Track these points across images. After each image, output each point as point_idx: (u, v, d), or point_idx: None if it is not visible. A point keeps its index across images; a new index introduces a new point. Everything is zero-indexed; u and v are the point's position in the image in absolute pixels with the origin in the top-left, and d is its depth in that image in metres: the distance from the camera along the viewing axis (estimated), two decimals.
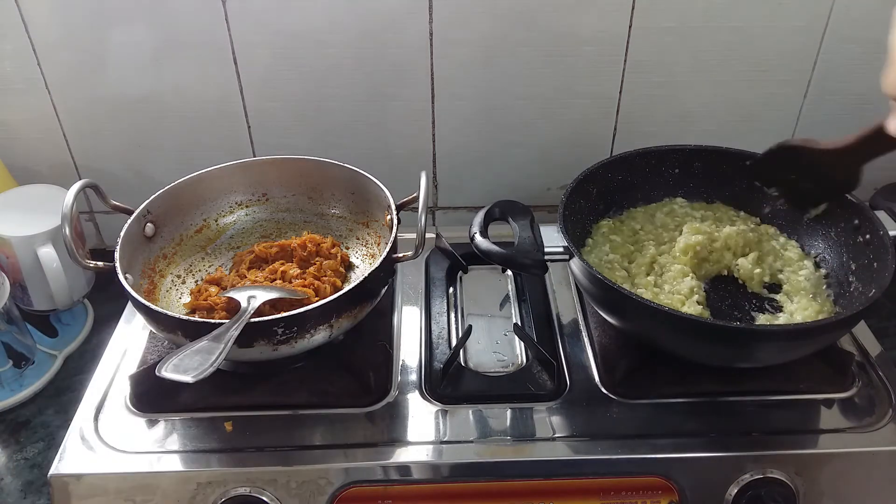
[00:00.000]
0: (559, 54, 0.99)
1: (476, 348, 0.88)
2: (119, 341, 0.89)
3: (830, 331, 0.77)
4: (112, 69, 1.00)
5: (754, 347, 0.75)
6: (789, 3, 0.96)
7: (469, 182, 1.11)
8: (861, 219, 0.85)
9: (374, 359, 0.84)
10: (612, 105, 1.04)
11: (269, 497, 0.73)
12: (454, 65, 1.00)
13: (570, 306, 0.93)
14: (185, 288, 0.90)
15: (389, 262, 0.82)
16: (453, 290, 0.97)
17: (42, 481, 0.82)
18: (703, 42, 0.99)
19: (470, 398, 0.81)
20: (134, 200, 0.88)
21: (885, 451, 0.75)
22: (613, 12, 0.96)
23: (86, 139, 1.06)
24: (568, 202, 0.86)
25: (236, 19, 0.96)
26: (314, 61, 0.99)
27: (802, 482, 0.74)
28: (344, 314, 0.77)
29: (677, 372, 0.81)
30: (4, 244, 0.93)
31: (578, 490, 0.74)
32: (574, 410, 0.79)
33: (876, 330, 0.89)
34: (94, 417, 0.79)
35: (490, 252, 0.81)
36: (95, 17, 0.95)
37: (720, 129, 1.06)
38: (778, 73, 1.02)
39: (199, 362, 0.67)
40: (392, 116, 1.04)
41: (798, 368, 0.80)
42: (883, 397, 0.81)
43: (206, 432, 0.77)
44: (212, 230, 0.96)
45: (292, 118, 1.04)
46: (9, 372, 0.91)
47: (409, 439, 0.76)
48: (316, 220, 0.98)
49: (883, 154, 0.80)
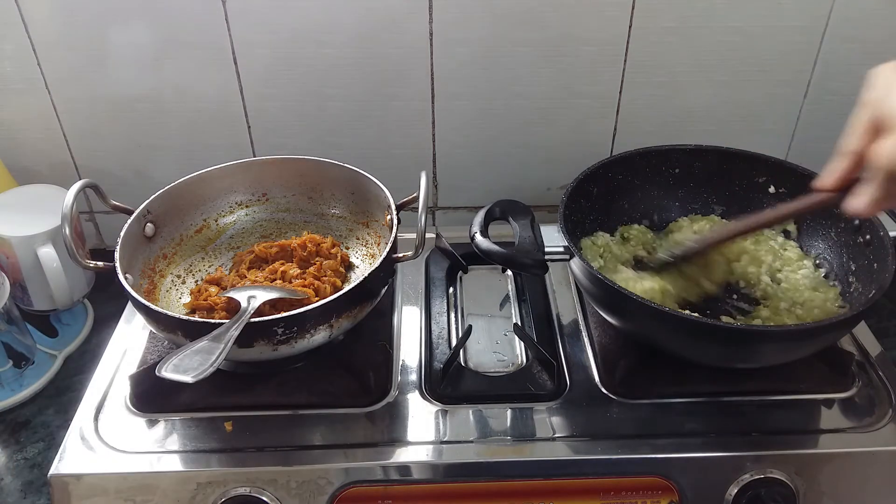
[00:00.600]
0: (559, 54, 0.99)
1: (476, 348, 0.88)
2: (119, 341, 0.89)
3: (830, 331, 0.77)
4: (112, 69, 1.00)
5: (754, 347, 0.75)
6: (789, 3, 0.96)
7: (469, 182, 1.11)
8: (861, 219, 0.85)
9: (374, 359, 0.84)
10: (612, 105, 1.04)
11: (269, 497, 0.73)
12: (454, 65, 1.00)
13: (570, 306, 0.93)
14: (185, 288, 0.90)
15: (389, 262, 0.82)
16: (453, 290, 0.97)
17: (42, 481, 0.83)
18: (704, 42, 0.99)
19: (470, 398, 0.81)
20: (134, 200, 0.88)
21: (885, 451, 0.75)
22: (613, 12, 0.96)
23: (86, 139, 1.06)
24: (568, 202, 0.86)
25: (236, 19, 0.96)
26: (314, 61, 0.99)
27: (802, 482, 0.74)
28: (344, 314, 0.77)
29: (677, 372, 0.81)
30: (4, 244, 0.93)
31: (578, 490, 0.74)
32: (574, 410, 0.79)
33: (876, 330, 0.89)
34: (94, 417, 0.79)
35: (490, 252, 0.81)
36: (95, 16, 0.95)
37: (720, 129, 1.06)
38: (778, 73, 1.02)
39: (199, 362, 0.67)
40: (392, 116, 1.04)
41: (798, 368, 0.80)
42: (883, 397, 0.81)
43: (206, 432, 0.77)
44: (212, 230, 0.96)
45: (292, 118, 1.04)
46: (9, 372, 0.91)
47: (409, 439, 0.76)
48: (316, 220, 0.98)
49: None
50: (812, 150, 1.07)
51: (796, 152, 1.08)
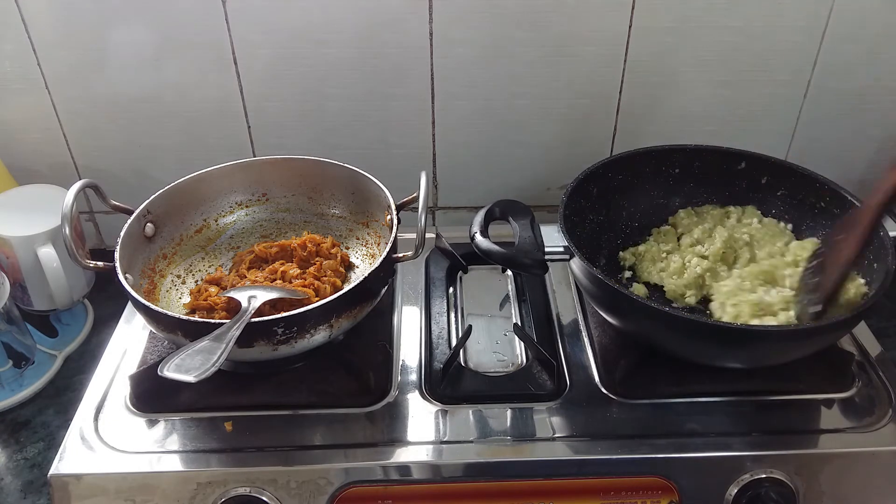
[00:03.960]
0: (559, 54, 0.99)
1: (476, 348, 0.88)
2: (119, 341, 0.89)
3: (830, 331, 0.77)
4: (112, 69, 1.00)
5: (754, 348, 0.75)
6: (789, 3, 0.96)
7: (469, 182, 1.11)
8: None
9: (374, 359, 0.84)
10: (612, 105, 1.04)
11: (269, 497, 0.73)
12: (454, 64, 1.00)
13: (570, 306, 0.93)
14: (185, 288, 0.90)
15: (389, 262, 0.82)
16: (453, 290, 0.97)
17: (42, 481, 0.83)
18: (703, 42, 0.99)
19: (470, 398, 0.81)
20: (134, 200, 0.88)
21: (885, 451, 0.76)
22: (613, 12, 0.96)
23: (86, 139, 1.06)
24: (568, 202, 0.86)
25: (236, 19, 0.96)
26: (314, 61, 0.99)
27: (802, 482, 0.74)
28: (344, 314, 0.77)
29: (677, 372, 0.81)
30: (4, 244, 0.93)
31: (578, 490, 0.74)
32: (574, 410, 0.79)
33: (876, 330, 0.89)
34: (94, 417, 0.79)
35: (490, 252, 0.81)
36: (95, 16, 0.95)
37: (720, 129, 1.06)
38: (778, 73, 1.02)
39: (200, 362, 0.67)
40: (392, 116, 1.04)
41: (798, 368, 0.80)
42: (883, 397, 0.81)
43: (206, 432, 0.77)
44: (212, 230, 0.96)
45: (292, 118, 1.04)
46: (9, 372, 0.91)
47: (409, 439, 0.76)
48: (316, 220, 0.98)
49: None
50: (812, 150, 1.07)
51: (796, 152, 1.08)
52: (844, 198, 0.87)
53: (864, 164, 1.09)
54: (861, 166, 1.09)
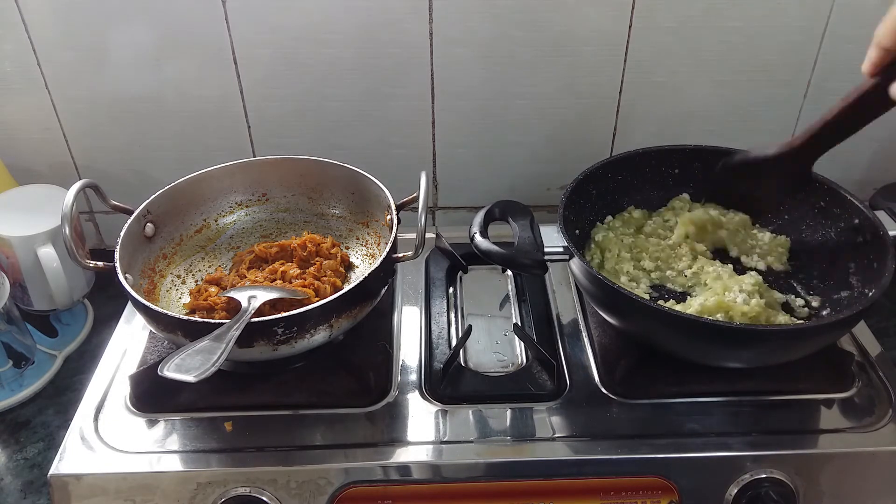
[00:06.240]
0: (559, 54, 0.99)
1: (476, 348, 0.88)
2: (119, 341, 0.89)
3: (830, 331, 0.77)
4: (112, 69, 1.00)
5: (754, 347, 0.75)
6: (789, 3, 0.96)
7: (469, 182, 1.11)
8: (861, 219, 0.85)
9: (374, 359, 0.84)
10: (612, 105, 1.04)
11: (269, 497, 0.73)
12: (454, 64, 1.00)
13: (570, 306, 0.93)
14: (185, 288, 0.90)
15: (389, 262, 0.82)
16: (453, 290, 0.97)
17: (42, 481, 0.83)
18: (703, 42, 0.99)
19: (470, 398, 0.81)
20: (134, 200, 0.88)
21: (885, 451, 0.76)
22: (613, 12, 0.96)
23: (86, 139, 1.06)
24: (568, 202, 0.86)
25: (236, 19, 0.96)
26: (314, 61, 0.99)
27: (802, 482, 0.74)
28: (344, 314, 0.77)
29: (677, 372, 0.81)
30: (4, 244, 0.93)
31: (578, 490, 0.74)
32: (574, 410, 0.79)
33: (876, 330, 0.89)
34: (94, 417, 0.79)
35: (490, 252, 0.81)
36: (95, 16, 0.96)
37: (720, 129, 1.06)
38: (778, 73, 1.02)
39: (200, 362, 0.67)
40: (392, 116, 1.04)
41: (798, 368, 0.80)
42: (883, 397, 0.81)
43: (206, 432, 0.77)
44: (212, 230, 0.96)
45: (292, 118, 1.04)
46: (9, 372, 0.91)
47: (409, 439, 0.76)
48: (316, 220, 0.98)
49: (833, 146, 0.81)
50: None
51: None
52: (844, 198, 0.87)
53: (864, 164, 1.09)
54: (861, 166, 1.09)
